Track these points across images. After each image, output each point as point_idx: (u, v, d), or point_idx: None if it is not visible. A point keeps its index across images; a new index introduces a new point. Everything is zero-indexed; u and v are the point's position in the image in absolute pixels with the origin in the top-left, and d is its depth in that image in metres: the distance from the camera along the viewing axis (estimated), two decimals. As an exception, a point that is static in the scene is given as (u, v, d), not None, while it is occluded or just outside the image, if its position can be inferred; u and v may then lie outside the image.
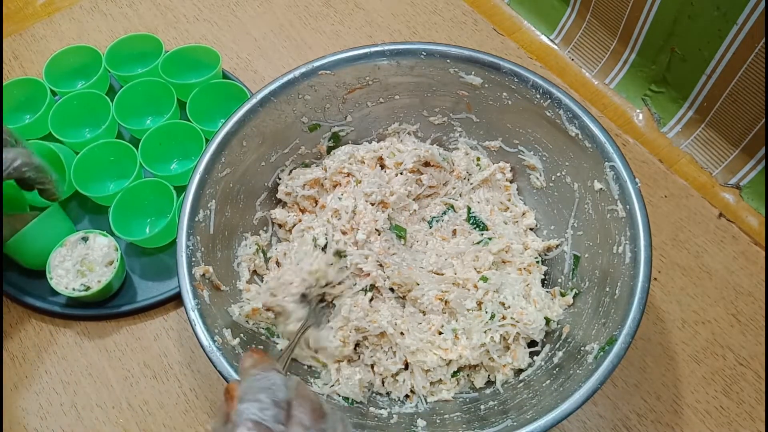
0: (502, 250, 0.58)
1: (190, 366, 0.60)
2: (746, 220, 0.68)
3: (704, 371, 0.59)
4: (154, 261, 0.65)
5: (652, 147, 0.73)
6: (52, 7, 0.87)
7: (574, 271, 0.57)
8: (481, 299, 0.55)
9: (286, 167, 0.63)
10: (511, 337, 0.54)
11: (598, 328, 0.49)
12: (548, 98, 0.56)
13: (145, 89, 0.72)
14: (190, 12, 0.85)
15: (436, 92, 0.62)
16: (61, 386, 0.59)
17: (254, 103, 0.56)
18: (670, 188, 0.69)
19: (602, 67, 0.78)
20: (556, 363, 0.51)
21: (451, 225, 0.60)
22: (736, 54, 0.62)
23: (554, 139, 0.58)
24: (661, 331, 0.61)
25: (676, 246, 0.66)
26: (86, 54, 0.75)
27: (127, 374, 0.59)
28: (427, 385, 0.54)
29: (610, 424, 0.56)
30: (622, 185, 0.51)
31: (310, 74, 0.58)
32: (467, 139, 0.65)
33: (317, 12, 0.85)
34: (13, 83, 0.72)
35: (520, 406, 0.49)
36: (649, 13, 0.68)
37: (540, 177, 0.61)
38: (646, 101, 0.76)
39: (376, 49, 0.58)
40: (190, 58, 0.75)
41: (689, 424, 0.56)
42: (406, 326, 0.54)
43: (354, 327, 0.53)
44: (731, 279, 0.63)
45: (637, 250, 0.49)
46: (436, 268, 0.57)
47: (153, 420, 0.57)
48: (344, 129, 0.64)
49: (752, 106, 0.64)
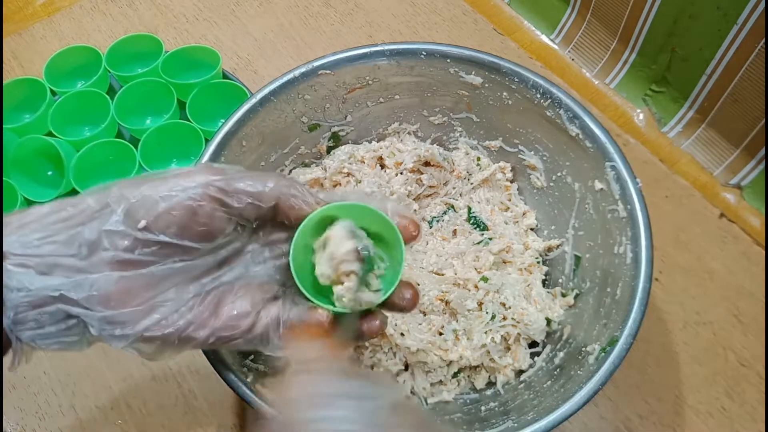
0: (502, 251, 0.58)
1: (190, 367, 0.59)
2: (748, 220, 0.68)
3: (706, 372, 0.59)
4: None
5: (652, 147, 0.73)
6: (52, 7, 0.87)
7: (575, 271, 0.57)
8: (482, 300, 0.54)
9: (285, 167, 0.62)
10: (512, 338, 0.53)
11: (599, 329, 0.49)
12: (548, 98, 0.55)
13: (144, 89, 0.71)
14: (190, 12, 0.85)
15: (437, 92, 0.61)
16: (60, 387, 0.59)
17: (254, 103, 0.56)
18: (671, 188, 0.69)
19: (602, 67, 0.78)
20: (557, 364, 0.51)
21: (452, 225, 0.60)
22: (737, 54, 0.62)
23: (555, 139, 0.58)
24: (662, 332, 0.61)
25: (678, 246, 0.65)
26: (86, 54, 0.75)
27: (125, 375, 0.59)
28: (427, 386, 0.53)
29: (611, 425, 0.56)
30: (623, 185, 0.51)
31: (310, 74, 0.57)
32: (467, 138, 0.65)
33: (317, 12, 0.85)
34: (13, 83, 0.72)
35: (521, 407, 0.49)
36: (649, 12, 0.68)
37: (540, 177, 0.61)
38: (647, 101, 0.75)
39: (376, 49, 0.58)
40: (190, 58, 0.74)
41: (691, 425, 0.56)
42: (406, 327, 0.54)
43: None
44: (733, 279, 0.63)
45: (638, 250, 0.49)
46: (436, 269, 0.57)
47: (152, 421, 0.57)
48: (344, 129, 0.64)
49: (753, 105, 0.64)
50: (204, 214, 0.35)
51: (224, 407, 0.57)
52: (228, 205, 0.35)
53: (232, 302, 0.37)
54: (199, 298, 0.36)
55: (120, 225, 0.34)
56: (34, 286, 0.33)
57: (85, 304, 0.34)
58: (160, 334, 0.35)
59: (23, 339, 0.34)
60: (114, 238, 0.34)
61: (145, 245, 0.34)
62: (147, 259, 0.35)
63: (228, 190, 0.35)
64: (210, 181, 0.35)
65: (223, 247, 0.38)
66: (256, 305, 0.38)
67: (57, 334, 0.34)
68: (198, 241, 0.35)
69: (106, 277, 0.34)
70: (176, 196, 0.35)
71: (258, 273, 0.39)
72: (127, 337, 0.35)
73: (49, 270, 0.33)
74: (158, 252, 0.35)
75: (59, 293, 0.33)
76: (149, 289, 0.35)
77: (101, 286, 0.34)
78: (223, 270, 0.38)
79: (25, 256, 0.33)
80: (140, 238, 0.34)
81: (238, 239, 0.38)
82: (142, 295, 0.35)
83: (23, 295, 0.33)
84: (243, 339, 0.37)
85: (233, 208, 0.36)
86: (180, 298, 0.36)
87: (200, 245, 0.36)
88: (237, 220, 0.37)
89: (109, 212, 0.34)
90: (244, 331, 0.37)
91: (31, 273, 0.33)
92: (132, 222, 0.34)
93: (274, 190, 0.36)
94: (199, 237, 0.35)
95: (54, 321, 0.34)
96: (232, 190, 0.35)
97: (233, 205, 0.36)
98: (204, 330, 0.36)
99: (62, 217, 0.34)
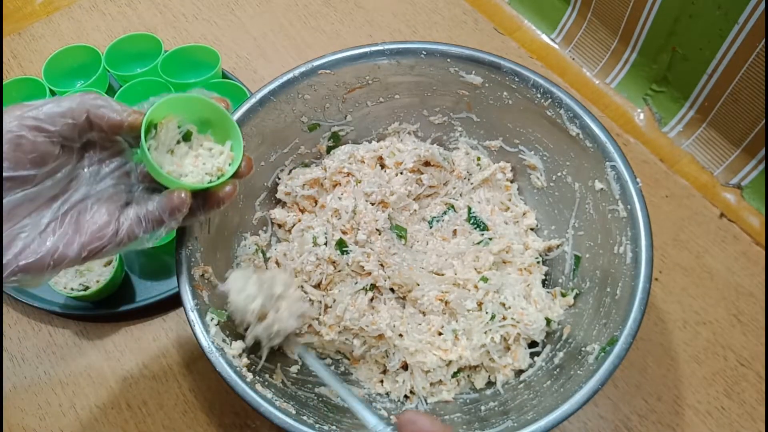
0: (502, 251, 0.58)
1: (189, 367, 0.59)
2: (747, 220, 0.68)
3: (705, 372, 0.59)
4: (153, 261, 0.65)
5: (653, 147, 0.73)
6: (51, 7, 0.87)
7: (575, 271, 0.57)
8: (482, 300, 0.54)
9: (285, 167, 0.62)
10: (512, 338, 0.53)
11: (599, 329, 0.49)
12: (549, 98, 0.55)
13: (144, 89, 0.71)
14: (190, 11, 0.85)
15: (437, 92, 0.61)
16: (60, 387, 0.59)
17: (253, 103, 0.56)
18: (671, 188, 0.69)
19: (603, 67, 0.78)
20: (557, 364, 0.51)
21: (452, 225, 0.60)
22: (738, 53, 0.62)
23: (555, 139, 0.57)
24: (662, 332, 0.61)
25: (678, 246, 0.65)
26: (85, 53, 0.75)
27: (126, 375, 0.59)
28: (427, 385, 0.53)
29: (611, 425, 0.56)
30: (623, 185, 0.51)
31: (309, 74, 0.57)
32: (468, 138, 0.65)
33: (317, 11, 0.85)
34: (12, 83, 0.72)
35: (521, 406, 0.49)
36: (650, 12, 0.68)
37: (541, 177, 0.61)
38: (647, 101, 0.75)
39: (376, 49, 0.58)
40: (189, 57, 0.74)
41: (690, 425, 0.56)
42: (404, 328, 0.54)
43: (344, 327, 0.53)
44: (732, 279, 0.63)
45: (638, 250, 0.49)
46: (436, 269, 0.57)
47: (152, 421, 0.57)
48: (344, 128, 0.64)
49: (753, 105, 0.64)
50: (27, 143, 0.39)
51: (224, 407, 0.58)
52: (45, 130, 0.39)
53: (90, 217, 0.42)
54: (56, 221, 0.41)
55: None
56: None
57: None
58: (33, 260, 0.39)
59: None
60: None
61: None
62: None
63: (41, 117, 0.39)
64: (22, 113, 0.39)
65: (58, 171, 0.41)
66: (113, 213, 0.42)
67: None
68: (32, 169, 0.39)
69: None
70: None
71: (102, 188, 0.43)
72: (3, 269, 0.38)
73: None
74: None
75: None
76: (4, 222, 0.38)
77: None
78: (69, 193, 0.42)
79: None
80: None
81: (70, 161, 0.42)
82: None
83: None
84: (112, 245, 0.41)
85: (51, 132, 0.40)
86: (37, 224, 0.40)
87: (35, 171, 0.39)
88: (61, 142, 0.40)
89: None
90: (110, 237, 0.41)
91: None
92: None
93: (81, 104, 0.40)
94: (30, 164, 0.39)
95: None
96: (44, 116, 0.39)
97: (50, 128, 0.39)
98: (73, 247, 0.40)
99: None
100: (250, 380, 0.46)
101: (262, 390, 0.46)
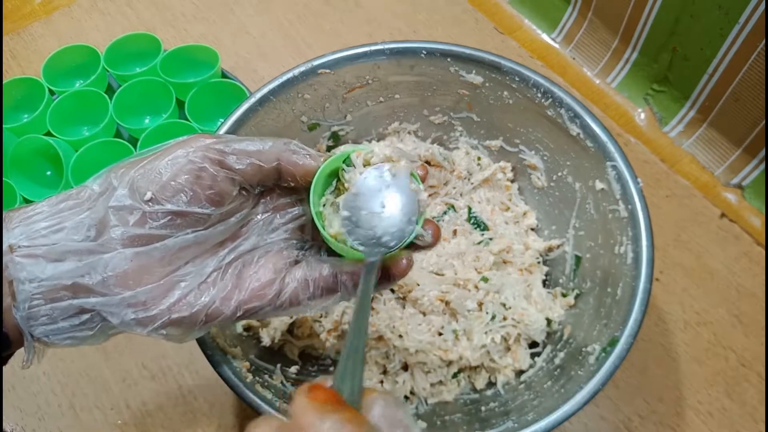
0: (503, 251, 0.57)
1: (189, 367, 0.59)
2: (749, 220, 0.68)
3: (706, 373, 0.58)
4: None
5: (653, 147, 0.73)
6: (50, 6, 0.86)
7: (576, 271, 0.57)
8: (482, 300, 0.54)
9: (285, 167, 0.62)
10: (512, 338, 0.53)
11: (600, 329, 0.49)
12: (549, 97, 0.55)
13: (143, 88, 0.71)
14: (189, 11, 0.85)
15: (437, 91, 0.61)
16: (59, 387, 0.59)
17: (253, 103, 0.56)
18: (672, 188, 0.69)
19: (604, 66, 0.78)
20: (558, 364, 0.51)
21: (452, 225, 0.60)
22: (738, 53, 0.62)
23: (555, 139, 0.57)
24: (662, 332, 0.60)
25: (678, 246, 0.65)
26: (84, 53, 0.74)
27: (125, 375, 0.59)
28: (427, 386, 0.53)
29: (611, 425, 0.56)
30: (623, 185, 0.51)
31: (309, 73, 0.57)
32: (468, 138, 0.65)
33: (317, 11, 0.84)
34: (11, 82, 0.72)
35: (521, 407, 0.48)
36: (650, 12, 0.68)
37: (541, 177, 0.61)
38: (648, 100, 0.75)
39: (376, 48, 0.58)
40: (188, 57, 0.74)
41: (691, 425, 0.56)
42: (404, 328, 0.53)
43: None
44: (733, 279, 0.63)
45: (638, 250, 0.48)
46: (436, 269, 0.57)
47: (152, 421, 0.57)
48: (344, 128, 0.64)
49: (754, 105, 0.63)
50: (208, 176, 0.34)
51: (224, 407, 0.57)
52: (229, 166, 0.35)
53: (254, 272, 0.37)
54: (219, 271, 0.36)
55: (126, 199, 0.33)
56: (45, 275, 0.32)
57: (101, 289, 0.33)
58: (187, 314, 0.34)
59: (36, 335, 0.33)
60: (122, 214, 0.33)
61: (154, 218, 0.33)
62: (159, 233, 0.33)
63: (227, 151, 0.35)
64: (208, 144, 0.35)
65: (232, 215, 0.37)
66: (279, 271, 0.37)
67: (70, 329, 0.33)
68: (206, 207, 0.34)
69: (120, 255, 0.33)
70: (178, 163, 0.34)
71: (273, 240, 0.38)
72: (153, 320, 0.33)
73: (60, 257, 0.32)
74: (169, 224, 0.34)
75: (72, 281, 0.32)
76: (166, 264, 0.34)
77: (116, 265, 0.33)
78: (238, 241, 0.37)
79: (33, 247, 0.32)
80: (149, 211, 0.33)
81: (245, 206, 0.37)
82: (159, 271, 0.34)
83: (35, 286, 0.32)
84: (272, 307, 0.36)
85: (235, 170, 0.35)
86: (200, 273, 0.35)
87: (209, 211, 0.35)
88: (241, 183, 0.36)
89: (113, 190, 0.34)
90: (271, 299, 0.36)
91: (41, 262, 0.32)
92: (138, 195, 0.33)
93: (274, 148, 0.36)
94: (206, 201, 0.34)
95: (66, 316, 0.33)
96: (231, 150, 0.35)
97: (235, 167, 0.35)
98: (230, 303, 0.35)
99: (68, 206, 0.34)
100: (249, 381, 0.46)
101: (262, 391, 0.46)
